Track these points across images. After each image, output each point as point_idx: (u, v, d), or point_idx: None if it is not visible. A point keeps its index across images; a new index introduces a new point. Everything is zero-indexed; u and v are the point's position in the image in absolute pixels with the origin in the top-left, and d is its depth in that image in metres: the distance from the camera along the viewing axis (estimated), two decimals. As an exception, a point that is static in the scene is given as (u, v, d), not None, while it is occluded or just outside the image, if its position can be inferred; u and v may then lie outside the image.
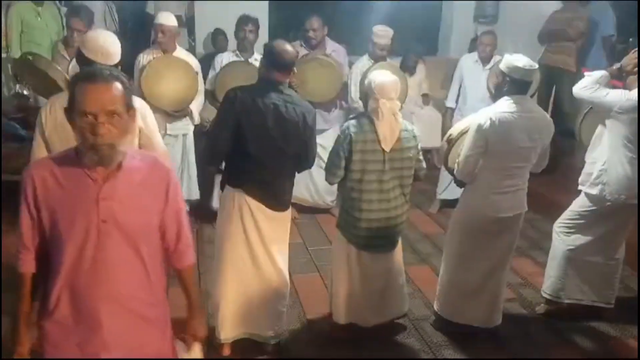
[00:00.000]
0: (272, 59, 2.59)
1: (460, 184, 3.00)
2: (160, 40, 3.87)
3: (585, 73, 3.12)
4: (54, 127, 2.32)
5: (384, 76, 2.76)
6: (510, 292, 3.63)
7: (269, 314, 2.83)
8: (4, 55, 4.98)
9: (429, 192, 4.96)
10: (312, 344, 3.02)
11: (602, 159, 3.05)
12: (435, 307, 3.18)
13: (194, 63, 4.01)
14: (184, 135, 4.13)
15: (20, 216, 1.68)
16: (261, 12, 5.68)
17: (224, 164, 2.80)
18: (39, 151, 2.39)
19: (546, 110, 5.56)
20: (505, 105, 2.78)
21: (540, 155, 2.89)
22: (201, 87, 4.01)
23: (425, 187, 4.97)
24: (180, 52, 4.02)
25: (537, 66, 2.77)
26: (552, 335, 3.21)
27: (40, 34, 4.81)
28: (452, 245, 3.08)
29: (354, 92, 4.35)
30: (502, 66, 2.82)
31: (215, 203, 4.37)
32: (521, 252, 4.24)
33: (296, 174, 2.83)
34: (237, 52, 4.28)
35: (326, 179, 2.90)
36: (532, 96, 4.07)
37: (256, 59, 4.24)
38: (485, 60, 4.54)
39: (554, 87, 5.48)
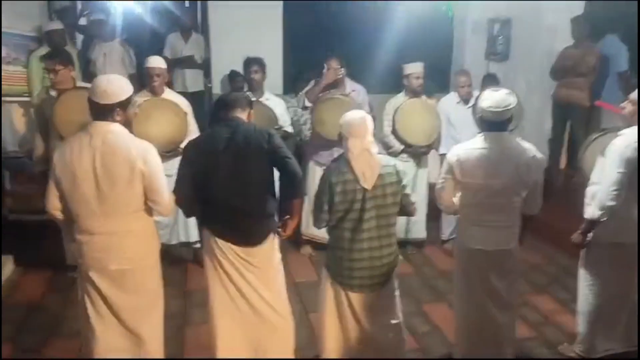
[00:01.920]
0: (218, 101, 2.82)
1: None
2: (154, 83, 3.96)
3: (597, 104, 3.10)
4: (63, 168, 2.41)
5: (351, 115, 2.75)
6: (530, 330, 3.56)
7: (271, 348, 2.79)
8: (26, 99, 5.15)
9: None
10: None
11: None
12: (454, 351, 3.12)
13: (184, 103, 4.09)
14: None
15: None
16: (275, 53, 5.86)
17: None
18: (52, 192, 2.49)
19: (560, 144, 5.56)
20: (475, 141, 2.84)
21: (531, 194, 2.82)
22: (194, 127, 4.05)
23: (436, 224, 4.96)
24: (169, 94, 4.11)
25: (504, 107, 2.70)
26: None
27: None
28: (454, 282, 3.11)
29: (386, 126, 4.51)
30: (478, 103, 2.87)
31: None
32: (541, 289, 4.17)
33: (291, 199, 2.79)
34: (249, 92, 4.39)
35: (313, 224, 2.86)
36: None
37: (267, 98, 4.35)
38: (466, 100, 4.64)
39: (568, 122, 5.48)
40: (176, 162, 4.03)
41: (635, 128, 2.86)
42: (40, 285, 4.02)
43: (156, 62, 4.01)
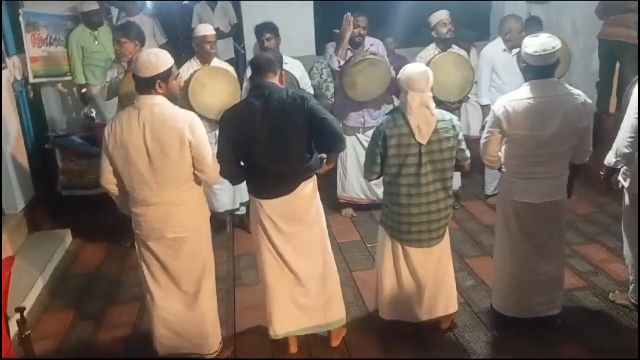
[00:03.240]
0: (250, 66, 2.80)
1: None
2: (210, 51, 4.00)
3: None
4: (115, 143, 2.48)
5: (413, 68, 2.74)
6: (580, 280, 3.50)
7: (318, 305, 2.86)
8: (67, 78, 5.29)
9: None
10: (378, 338, 3.04)
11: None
12: (493, 302, 3.12)
13: (231, 70, 4.14)
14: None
15: None
16: (307, 14, 5.77)
17: None
18: (105, 167, 2.57)
19: (609, 86, 5.27)
20: (522, 91, 2.72)
21: (581, 142, 2.72)
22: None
23: (480, 178, 4.86)
24: (217, 62, 4.15)
25: (551, 49, 2.61)
26: (628, 325, 3.05)
27: (102, 57, 5.09)
28: (497, 235, 3.06)
29: None
30: (521, 51, 2.75)
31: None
32: (591, 238, 4.07)
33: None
34: None
35: (364, 177, 2.93)
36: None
37: (286, 62, 4.29)
38: (513, 47, 4.37)
39: (617, 63, 5.16)
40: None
41: None
42: (98, 255, 4.24)
43: (207, 30, 4.03)
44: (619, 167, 2.86)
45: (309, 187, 2.77)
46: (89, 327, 3.32)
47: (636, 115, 2.73)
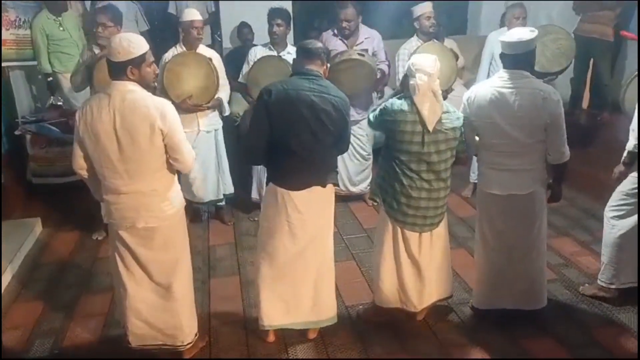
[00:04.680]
0: (299, 49, 2.73)
1: None
2: (197, 36, 3.92)
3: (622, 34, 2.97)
4: (85, 129, 2.42)
5: (421, 55, 2.79)
6: (551, 272, 3.56)
7: (315, 302, 2.87)
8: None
9: (464, 175, 4.88)
10: (353, 330, 3.05)
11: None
12: (474, 299, 3.15)
13: (216, 58, 4.07)
14: (216, 130, 4.21)
15: None
16: (285, 3, 5.70)
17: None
18: (77, 152, 2.52)
19: (583, 83, 5.37)
20: (491, 79, 2.81)
21: (550, 139, 2.73)
22: (224, 80, 4.06)
23: (458, 170, 4.90)
24: (203, 49, 4.09)
25: (517, 39, 2.66)
26: (597, 317, 3.12)
27: (68, 44, 4.92)
28: (476, 227, 3.09)
29: (401, 73, 4.38)
30: None
31: (254, 194, 4.44)
32: (562, 232, 4.15)
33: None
34: (270, 46, 4.30)
35: (368, 124, 3.05)
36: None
37: (289, 52, 4.23)
38: None
39: (592, 60, 5.26)
40: (215, 117, 4.14)
41: None
42: (68, 244, 4.15)
43: (194, 15, 3.93)
44: (636, 150, 2.90)
45: (333, 195, 2.83)
46: (60, 317, 3.25)
47: None
